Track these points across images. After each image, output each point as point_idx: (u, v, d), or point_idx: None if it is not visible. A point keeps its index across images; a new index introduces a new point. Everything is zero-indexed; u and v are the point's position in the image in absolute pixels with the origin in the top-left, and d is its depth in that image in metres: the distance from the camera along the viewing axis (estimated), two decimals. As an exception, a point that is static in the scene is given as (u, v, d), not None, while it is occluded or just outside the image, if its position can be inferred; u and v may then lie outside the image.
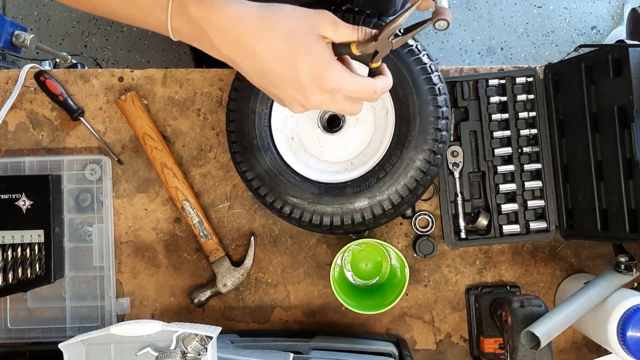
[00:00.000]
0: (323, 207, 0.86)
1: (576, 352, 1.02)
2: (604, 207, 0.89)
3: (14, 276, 0.94)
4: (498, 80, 0.99)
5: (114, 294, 0.99)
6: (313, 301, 1.02)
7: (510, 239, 0.99)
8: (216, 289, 0.99)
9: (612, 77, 0.86)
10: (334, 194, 0.86)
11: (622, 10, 1.99)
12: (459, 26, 1.99)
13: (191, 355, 0.79)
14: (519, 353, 0.81)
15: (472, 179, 1.00)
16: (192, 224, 0.99)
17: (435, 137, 0.85)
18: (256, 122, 0.88)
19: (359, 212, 0.86)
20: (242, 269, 0.99)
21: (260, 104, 0.88)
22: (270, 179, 0.87)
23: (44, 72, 1.01)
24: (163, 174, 0.98)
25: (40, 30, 2.03)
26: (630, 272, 0.87)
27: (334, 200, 0.86)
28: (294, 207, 0.87)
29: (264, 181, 0.88)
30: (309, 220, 0.87)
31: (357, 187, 0.86)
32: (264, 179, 0.88)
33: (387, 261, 1.01)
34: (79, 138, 1.02)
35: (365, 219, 0.86)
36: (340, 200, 0.86)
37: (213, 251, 0.99)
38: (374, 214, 0.86)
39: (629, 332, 0.80)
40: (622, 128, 0.85)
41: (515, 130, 0.98)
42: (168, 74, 1.02)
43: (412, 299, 1.02)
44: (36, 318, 0.99)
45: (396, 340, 0.98)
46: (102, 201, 0.99)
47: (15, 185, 0.95)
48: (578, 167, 0.94)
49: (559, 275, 1.02)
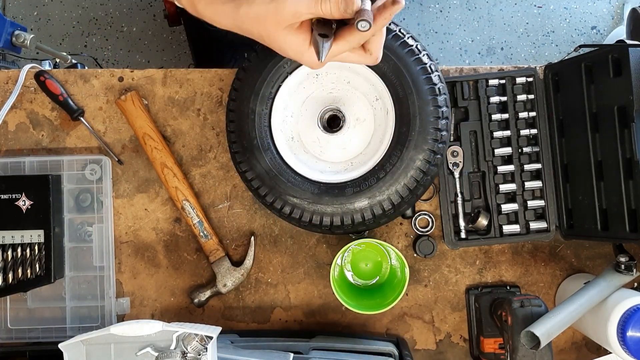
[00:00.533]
0: (323, 207, 0.86)
1: (576, 352, 1.02)
2: (604, 207, 0.89)
3: (14, 276, 0.94)
4: (498, 80, 0.99)
5: (114, 294, 0.99)
6: (313, 301, 1.02)
7: (510, 239, 0.99)
8: (216, 289, 0.99)
9: (612, 77, 0.86)
10: (334, 194, 0.86)
11: (622, 10, 1.99)
12: (459, 26, 1.99)
13: (191, 355, 0.79)
14: (519, 353, 0.81)
15: (472, 179, 1.00)
16: (192, 224, 0.99)
17: (436, 137, 0.85)
18: (256, 122, 0.88)
19: (359, 212, 0.86)
20: (242, 269, 0.99)
21: (260, 104, 0.88)
22: (270, 179, 0.87)
23: (44, 72, 1.01)
24: (163, 174, 0.98)
25: (40, 30, 2.03)
26: (630, 272, 0.87)
27: (334, 200, 0.86)
28: (294, 207, 0.87)
29: (264, 181, 0.87)
30: (309, 220, 0.87)
31: (357, 187, 0.86)
32: (264, 179, 0.87)
33: (387, 261, 1.01)
34: (79, 138, 1.02)
35: (365, 219, 0.86)
36: (340, 200, 0.86)
37: (213, 251, 0.99)
38: (374, 214, 0.86)
39: (629, 332, 0.80)
40: (622, 128, 0.85)
41: (515, 130, 0.98)
42: (168, 74, 1.02)
43: (412, 299, 1.02)
44: (36, 318, 0.99)
45: (396, 340, 0.98)
46: (102, 201, 0.99)
47: (15, 185, 0.95)
48: (578, 167, 0.94)
49: (559, 275, 1.02)
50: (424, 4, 1.99)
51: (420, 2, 1.99)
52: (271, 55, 0.87)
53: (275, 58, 0.88)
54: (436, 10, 1.99)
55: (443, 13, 1.99)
